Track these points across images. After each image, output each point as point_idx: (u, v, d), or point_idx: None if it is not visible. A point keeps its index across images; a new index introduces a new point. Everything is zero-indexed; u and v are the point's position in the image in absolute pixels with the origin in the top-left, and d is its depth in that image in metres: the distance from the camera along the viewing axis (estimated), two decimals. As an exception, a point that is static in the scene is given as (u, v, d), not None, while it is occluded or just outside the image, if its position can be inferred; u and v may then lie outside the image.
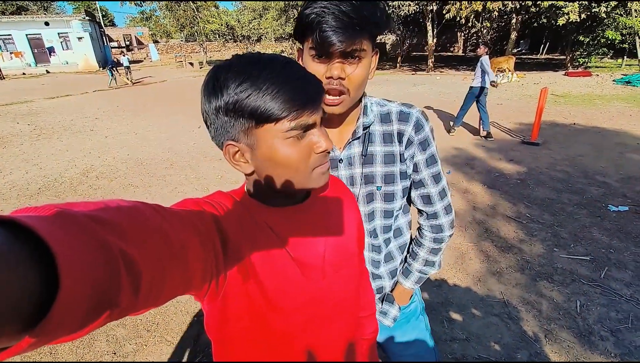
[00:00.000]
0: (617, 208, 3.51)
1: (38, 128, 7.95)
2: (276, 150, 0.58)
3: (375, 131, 0.93)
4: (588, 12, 12.88)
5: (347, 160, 0.94)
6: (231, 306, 0.62)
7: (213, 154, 5.71)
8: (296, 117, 0.56)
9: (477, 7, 13.88)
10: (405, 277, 1.08)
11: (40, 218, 0.27)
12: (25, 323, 0.25)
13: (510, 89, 11.34)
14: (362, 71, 0.80)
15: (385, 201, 0.96)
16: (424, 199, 1.00)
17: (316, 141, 0.60)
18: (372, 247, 1.02)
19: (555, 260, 2.76)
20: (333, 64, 0.77)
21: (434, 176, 0.96)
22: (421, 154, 0.93)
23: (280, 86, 0.54)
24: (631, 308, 2.24)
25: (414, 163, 0.95)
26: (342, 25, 0.72)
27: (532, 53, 28.35)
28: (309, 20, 0.75)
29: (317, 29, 0.73)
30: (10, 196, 4.39)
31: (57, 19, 26.07)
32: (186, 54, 28.67)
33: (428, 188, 0.97)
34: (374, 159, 0.93)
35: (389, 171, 0.93)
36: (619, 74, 13.38)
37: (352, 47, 0.75)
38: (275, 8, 23.51)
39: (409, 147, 0.92)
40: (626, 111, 7.75)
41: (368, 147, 0.92)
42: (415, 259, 1.06)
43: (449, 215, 1.02)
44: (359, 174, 0.94)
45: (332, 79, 0.79)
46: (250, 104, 0.55)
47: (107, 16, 47.27)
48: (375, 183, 0.94)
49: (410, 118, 0.91)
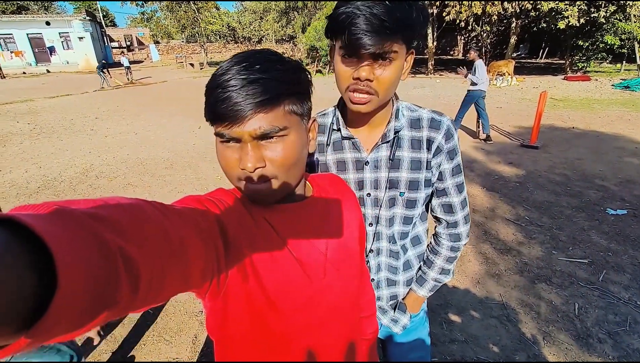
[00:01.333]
0: (616, 212, 3.52)
1: (38, 127, 7.95)
2: (216, 149, 0.62)
3: (404, 136, 0.91)
4: (587, 17, 12.94)
5: (374, 163, 0.92)
6: (232, 305, 0.62)
7: (213, 154, 5.69)
8: (216, 126, 0.58)
9: (477, 10, 13.94)
10: (420, 285, 1.05)
11: (38, 216, 0.27)
12: (23, 322, 0.24)
13: (509, 93, 11.36)
14: (393, 73, 0.77)
15: (406, 208, 0.94)
16: (445, 208, 0.98)
17: (238, 156, 0.59)
18: (391, 253, 1.00)
19: (553, 263, 2.77)
20: (361, 65, 0.76)
21: (457, 185, 0.95)
22: (448, 163, 0.91)
23: (212, 92, 0.56)
24: (629, 311, 2.25)
25: (440, 172, 0.93)
26: (372, 28, 0.69)
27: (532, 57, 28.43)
28: (340, 20, 0.73)
29: (347, 30, 0.71)
30: (10, 194, 4.38)
31: (58, 18, 26.12)
32: (187, 55, 28.68)
33: (451, 197, 0.96)
34: (401, 165, 0.91)
35: (414, 178, 0.91)
36: (617, 79, 13.43)
37: (382, 50, 0.72)
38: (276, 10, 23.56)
39: (438, 155, 0.90)
40: (625, 116, 7.78)
41: (396, 152, 0.91)
42: (431, 267, 1.04)
43: (467, 224, 1.02)
44: (385, 178, 0.92)
45: (359, 80, 0.77)
46: (205, 98, 0.59)
47: (108, 16, 47.32)
48: (399, 189, 0.92)
49: (442, 126, 0.89)
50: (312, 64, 18.87)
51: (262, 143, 0.58)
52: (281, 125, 0.57)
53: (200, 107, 0.61)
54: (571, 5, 12.65)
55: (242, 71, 0.54)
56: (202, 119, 0.62)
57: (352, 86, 0.78)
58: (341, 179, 0.88)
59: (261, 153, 0.58)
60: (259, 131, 0.55)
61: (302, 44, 20.00)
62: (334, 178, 0.87)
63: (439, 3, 15.84)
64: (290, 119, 0.59)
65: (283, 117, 0.58)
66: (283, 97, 0.57)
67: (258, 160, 0.57)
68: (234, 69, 0.55)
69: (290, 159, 0.60)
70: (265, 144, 0.58)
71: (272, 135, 0.57)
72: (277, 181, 0.61)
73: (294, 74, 0.60)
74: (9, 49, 24.93)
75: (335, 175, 0.89)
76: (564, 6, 12.68)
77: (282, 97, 0.57)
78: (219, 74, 0.56)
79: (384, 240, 0.98)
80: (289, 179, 0.62)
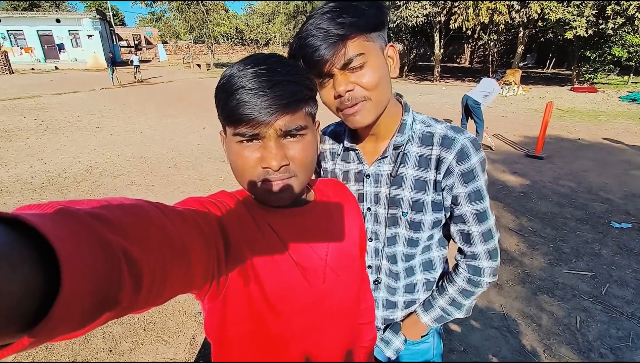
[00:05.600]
0: (620, 225, 3.49)
1: (44, 123, 8.01)
2: (230, 150, 0.62)
3: (411, 153, 0.84)
4: (595, 29, 12.92)
5: (375, 177, 0.88)
6: (231, 308, 0.62)
7: (217, 155, 5.73)
8: (235, 127, 0.58)
9: (484, 19, 13.95)
10: (425, 310, 0.95)
11: (42, 216, 0.27)
12: (26, 321, 0.25)
13: (515, 102, 11.34)
14: (372, 74, 0.72)
15: (410, 229, 0.87)
16: (463, 237, 0.88)
17: (261, 156, 0.59)
18: (390, 272, 0.94)
19: (556, 275, 2.74)
20: (334, 79, 0.73)
21: (477, 213, 0.83)
22: (462, 186, 0.81)
23: (235, 93, 0.56)
24: (632, 327, 2.22)
25: (454, 195, 0.83)
26: (320, 41, 0.69)
27: (539, 67, 28.40)
28: (294, 50, 0.74)
29: (301, 55, 0.72)
30: (14, 189, 4.41)
31: (68, 16, 26.42)
32: (194, 55, 28.90)
33: (469, 225, 0.85)
34: (403, 182, 0.85)
35: (418, 198, 0.84)
36: (624, 91, 13.38)
37: (341, 57, 0.70)
38: (284, 13, 23.71)
39: (448, 176, 0.81)
40: (631, 128, 7.73)
41: (399, 168, 0.85)
42: (442, 294, 0.93)
43: (492, 260, 0.88)
44: (385, 194, 0.87)
45: (341, 98, 0.74)
46: (219, 101, 0.60)
47: (118, 15, 47.83)
48: (401, 208, 0.86)
49: (454, 145, 0.79)
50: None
51: (283, 141, 0.59)
52: (303, 124, 0.60)
53: (206, 108, 0.61)
54: (579, 16, 12.64)
55: (265, 74, 0.56)
56: (207, 120, 0.63)
57: (339, 105, 0.76)
58: (343, 184, 0.88)
59: (284, 151, 0.59)
60: (284, 128, 0.58)
61: (309, 48, 20.07)
62: (336, 183, 0.86)
63: (445, 11, 15.89)
64: (307, 120, 0.62)
65: (303, 117, 0.61)
66: (304, 99, 0.60)
67: (282, 158, 0.58)
68: (251, 72, 0.56)
69: (309, 157, 0.63)
70: (286, 143, 0.60)
71: (295, 133, 0.59)
72: (296, 180, 0.62)
73: (308, 78, 0.63)
74: (18, 45, 25.21)
75: (337, 180, 0.89)
76: (572, 17, 12.67)
77: (303, 99, 0.60)
78: (237, 77, 0.56)
79: (383, 258, 0.93)
80: (305, 179, 0.64)
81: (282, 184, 0.61)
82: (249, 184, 0.62)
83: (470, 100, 6.08)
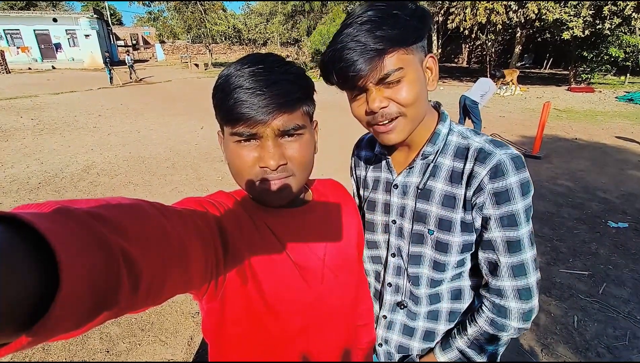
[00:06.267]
0: (617, 225, 3.50)
1: (41, 123, 7.98)
2: (227, 149, 0.62)
3: (443, 166, 0.77)
4: (592, 29, 12.97)
5: (402, 188, 0.83)
6: (229, 308, 0.61)
7: (215, 155, 5.72)
8: (233, 126, 0.58)
9: (482, 19, 13.98)
10: (442, 350, 0.86)
11: (40, 215, 0.27)
12: (24, 320, 0.24)
13: (513, 102, 11.37)
14: (409, 90, 0.67)
15: (436, 250, 0.79)
16: (490, 267, 0.77)
17: (259, 155, 0.59)
18: (411, 295, 0.86)
19: (554, 274, 2.75)
20: (368, 94, 0.68)
21: (509, 242, 0.72)
22: (494, 207, 0.71)
23: (233, 92, 0.56)
24: (629, 326, 2.23)
25: (484, 217, 0.73)
26: (357, 55, 0.64)
27: (536, 67, 28.49)
28: (327, 61, 0.68)
29: (333, 69, 0.67)
30: (11, 189, 4.39)
31: (65, 15, 26.30)
32: (192, 55, 28.83)
33: (497, 253, 0.74)
34: (431, 196, 0.78)
35: (446, 216, 0.76)
36: (621, 92, 13.43)
37: (378, 72, 0.65)
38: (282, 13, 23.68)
39: (479, 194, 0.72)
40: (628, 128, 7.77)
41: (428, 180, 0.79)
42: (461, 333, 0.83)
43: (522, 302, 0.75)
44: (411, 207, 0.81)
45: (374, 114, 0.69)
46: (216, 100, 0.60)
47: (115, 15, 47.64)
48: (428, 225, 0.79)
49: (490, 160, 0.71)
50: (317, 68, 18.94)
51: (281, 141, 0.59)
52: (300, 123, 0.60)
53: (204, 108, 0.61)
54: (576, 16, 12.69)
55: (262, 73, 0.56)
56: (205, 120, 0.62)
57: (372, 121, 0.71)
58: (341, 185, 0.88)
59: (281, 150, 0.59)
60: (282, 128, 0.58)
61: (307, 48, 20.09)
62: (334, 183, 0.86)
63: (443, 11, 15.92)
64: (305, 120, 0.62)
65: (301, 117, 0.61)
66: (301, 98, 0.60)
67: (280, 157, 0.58)
68: (248, 71, 0.56)
69: (306, 157, 0.63)
70: (284, 142, 0.60)
71: (292, 133, 0.59)
72: (294, 179, 0.62)
73: (305, 78, 0.62)
74: (15, 44, 25.05)
75: (335, 181, 0.88)
76: (569, 17, 12.72)
77: (300, 99, 0.60)
78: (234, 76, 0.56)
79: (405, 278, 0.85)
80: (303, 178, 0.64)
81: (280, 184, 0.60)
82: (247, 183, 0.61)
83: (468, 100, 6.11)
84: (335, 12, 18.34)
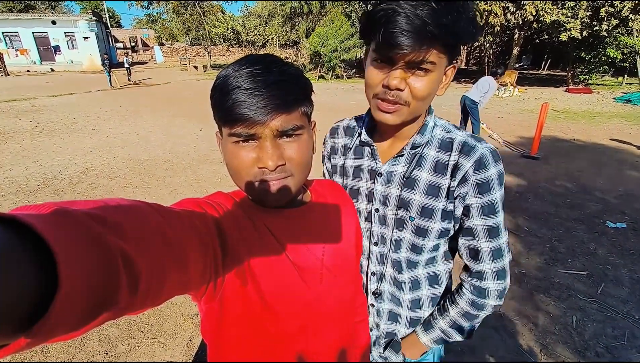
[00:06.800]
0: (615, 225, 3.51)
1: (40, 125, 7.96)
2: (225, 150, 0.62)
3: (428, 156, 0.81)
4: (590, 30, 13.02)
5: (387, 176, 0.85)
6: (228, 309, 0.62)
7: (213, 157, 5.72)
8: (231, 127, 0.58)
9: (480, 20, 14.03)
10: (425, 330, 0.92)
11: (39, 216, 0.27)
12: (23, 322, 0.24)
13: (511, 103, 11.40)
14: (428, 85, 0.69)
15: (416, 235, 0.83)
16: (471, 253, 0.83)
17: (257, 156, 0.59)
18: (394, 281, 0.90)
19: (552, 274, 2.75)
20: (394, 71, 0.68)
21: (489, 229, 0.78)
22: (476, 197, 0.77)
23: (231, 93, 0.56)
24: (627, 325, 2.23)
25: (466, 206, 0.79)
26: (412, 28, 0.61)
27: (534, 68, 28.57)
28: (378, 17, 0.65)
29: (384, 28, 0.64)
30: (9, 191, 4.38)
31: (64, 18, 26.31)
32: (191, 57, 28.84)
33: (478, 240, 0.80)
34: (416, 185, 0.81)
35: (429, 204, 0.80)
36: (619, 92, 13.49)
37: (419, 57, 0.65)
38: (281, 15, 23.73)
39: (462, 185, 0.77)
40: (626, 129, 7.79)
41: (414, 170, 0.81)
42: (443, 315, 0.89)
43: (499, 282, 0.82)
44: (395, 195, 0.84)
45: (388, 89, 0.70)
46: (214, 101, 0.60)
47: (114, 17, 47.63)
48: (409, 212, 0.82)
49: (473, 153, 0.76)
50: (315, 69, 18.96)
51: (280, 141, 0.59)
52: (299, 124, 0.60)
53: (202, 109, 0.62)
54: (573, 18, 12.74)
55: (261, 74, 0.56)
56: (203, 122, 0.63)
57: (380, 94, 0.72)
58: (339, 185, 0.88)
59: (280, 151, 0.59)
60: (280, 128, 0.58)
61: (306, 50, 20.12)
62: (332, 183, 0.86)
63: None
64: (303, 120, 0.62)
65: (299, 117, 0.61)
66: (300, 99, 0.60)
67: (279, 158, 0.59)
68: (246, 72, 0.56)
69: (305, 157, 0.63)
70: (282, 143, 0.60)
71: (291, 133, 0.59)
72: (293, 180, 0.62)
73: (303, 78, 0.62)
74: (14, 47, 25.04)
75: (333, 181, 0.89)
76: (566, 19, 12.77)
77: (299, 99, 0.60)
78: (232, 77, 0.56)
79: (388, 264, 0.89)
80: (302, 179, 0.65)
81: (279, 184, 0.61)
82: (246, 184, 0.61)
83: (468, 100, 6.12)
84: (334, 14, 18.37)
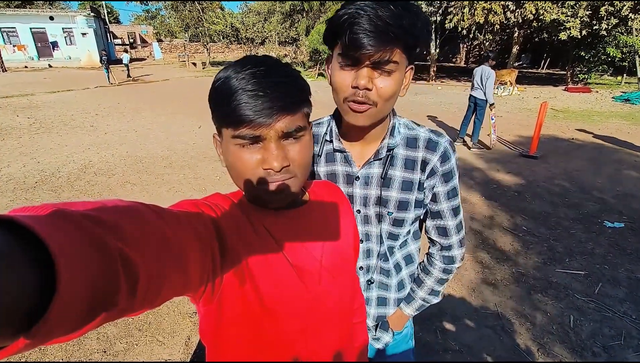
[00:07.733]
0: (613, 224, 3.52)
1: (37, 122, 7.93)
2: (227, 152, 0.61)
3: (398, 155, 0.88)
4: (589, 29, 13.02)
5: (364, 179, 0.90)
6: (227, 310, 0.61)
7: (212, 154, 5.70)
8: (235, 128, 0.57)
9: (479, 19, 14.01)
10: (407, 303, 1.03)
11: (38, 218, 0.27)
12: (22, 323, 0.24)
13: (510, 102, 11.41)
14: (392, 85, 0.74)
15: (393, 225, 0.92)
16: (440, 231, 0.96)
17: (262, 158, 0.59)
18: (382, 270, 0.97)
19: (550, 274, 2.76)
20: (360, 70, 0.72)
21: (453, 208, 0.92)
22: (443, 185, 0.89)
23: (234, 95, 0.55)
24: (624, 325, 2.24)
25: (434, 193, 0.90)
26: (375, 29, 0.66)
27: (533, 67, 28.57)
28: (340, 22, 0.70)
29: (348, 31, 0.68)
30: (7, 189, 4.36)
31: (62, 14, 26.15)
32: (189, 53, 28.73)
33: (446, 220, 0.93)
34: (392, 184, 0.88)
35: (404, 198, 0.89)
36: (618, 92, 13.50)
37: (383, 56, 0.69)
38: (280, 12, 23.64)
39: (431, 177, 0.87)
40: (624, 128, 7.81)
41: (389, 170, 0.88)
42: (421, 287, 1.02)
43: (462, 248, 0.99)
44: (374, 196, 0.90)
45: (357, 90, 0.73)
46: (215, 103, 0.59)
47: (112, 13, 47.36)
48: (388, 208, 0.90)
49: (438, 148, 0.86)
50: (315, 67, 18.92)
51: (283, 143, 0.60)
52: (302, 125, 0.60)
53: (201, 107, 0.61)
54: (573, 17, 12.74)
55: (264, 75, 0.56)
56: (202, 119, 0.62)
57: (350, 96, 0.75)
58: (337, 186, 0.88)
59: (284, 152, 0.59)
60: (285, 130, 0.58)
61: (305, 47, 20.08)
62: (330, 184, 0.86)
63: (441, 11, 15.94)
64: (305, 121, 0.63)
65: (302, 119, 0.61)
66: (302, 100, 0.61)
67: (284, 159, 0.59)
68: (249, 73, 0.56)
69: (307, 158, 0.64)
70: (286, 144, 0.60)
71: (294, 135, 0.60)
72: (296, 180, 0.63)
73: (302, 80, 0.63)
74: (11, 42, 24.90)
75: (330, 182, 0.89)
76: (566, 18, 12.76)
77: (301, 100, 0.61)
78: (234, 79, 0.56)
79: (374, 257, 0.96)
80: (303, 179, 0.65)
81: (283, 185, 0.61)
82: (249, 186, 0.61)
83: (477, 100, 6.04)
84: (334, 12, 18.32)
